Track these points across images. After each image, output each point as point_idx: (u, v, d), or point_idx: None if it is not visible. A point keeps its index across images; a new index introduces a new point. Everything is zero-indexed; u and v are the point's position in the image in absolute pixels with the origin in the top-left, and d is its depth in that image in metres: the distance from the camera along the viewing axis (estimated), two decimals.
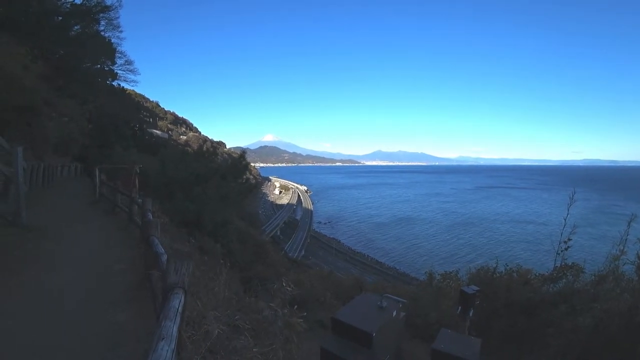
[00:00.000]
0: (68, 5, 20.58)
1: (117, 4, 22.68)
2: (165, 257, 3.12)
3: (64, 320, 3.38)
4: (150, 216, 5.43)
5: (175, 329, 1.73)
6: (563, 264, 5.36)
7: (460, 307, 4.69)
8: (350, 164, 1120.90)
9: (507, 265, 6.27)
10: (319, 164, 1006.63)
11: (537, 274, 5.89)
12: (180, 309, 1.97)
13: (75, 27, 21.55)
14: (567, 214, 5.26)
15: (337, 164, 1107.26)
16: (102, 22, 23.28)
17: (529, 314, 5.12)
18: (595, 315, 4.22)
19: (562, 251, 5.34)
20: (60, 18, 20.30)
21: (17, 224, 6.16)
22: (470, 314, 4.59)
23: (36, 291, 4.05)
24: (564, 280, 5.34)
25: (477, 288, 4.73)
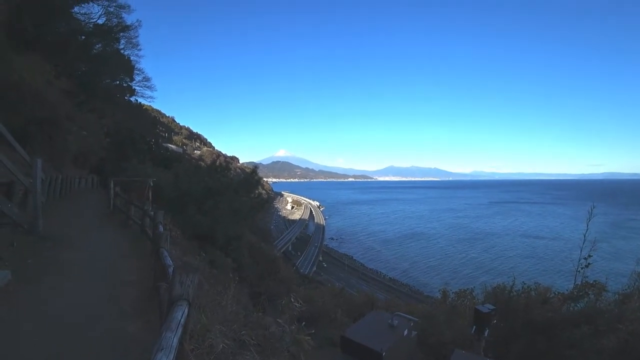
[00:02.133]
0: (91, 26, 21.59)
1: (136, 24, 23.72)
2: (172, 269, 3.11)
3: (74, 329, 3.40)
4: (161, 228, 5.46)
5: (175, 340, 1.69)
6: (584, 281, 5.09)
7: (475, 327, 4.50)
8: (362, 180, 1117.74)
9: (525, 283, 6.02)
10: (331, 180, 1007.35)
11: (556, 293, 5.62)
12: (182, 320, 1.93)
13: (97, 45, 22.52)
14: (587, 230, 5.03)
15: (350, 179, 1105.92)
16: (122, 41, 24.37)
17: (548, 335, 4.86)
18: (621, 337, 3.98)
19: (582, 268, 5.08)
20: (83, 37, 21.27)
21: (33, 232, 6.28)
22: (486, 334, 4.40)
23: (48, 299, 4.09)
24: (586, 299, 5.07)
25: (493, 307, 4.54)
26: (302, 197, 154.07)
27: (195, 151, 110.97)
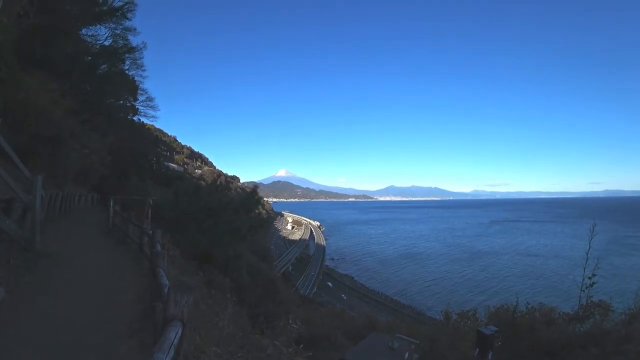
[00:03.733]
0: (97, 47, 22.17)
1: (141, 45, 24.37)
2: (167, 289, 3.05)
3: (64, 350, 3.32)
4: (158, 247, 5.40)
5: None
6: (589, 301, 4.96)
7: (478, 349, 4.38)
8: (363, 200, 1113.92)
9: (528, 304, 5.87)
10: (332, 200, 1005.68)
11: (561, 313, 5.47)
12: (176, 341, 1.88)
13: (103, 66, 23.04)
14: (589, 248, 4.95)
15: (350, 199, 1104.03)
16: (127, 62, 24.95)
17: (555, 357, 4.70)
18: (630, 358, 3.85)
19: (586, 287, 4.96)
20: (89, 58, 21.80)
21: (30, 249, 6.21)
22: (490, 356, 4.27)
23: (43, 317, 4.03)
24: (592, 319, 4.92)
25: (496, 328, 4.43)
26: (303, 217, 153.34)
27: (196, 170, 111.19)
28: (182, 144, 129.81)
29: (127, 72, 25.64)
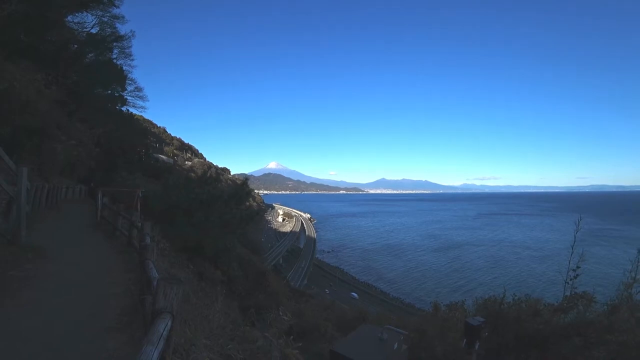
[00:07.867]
0: (84, 35, 21.59)
1: (130, 34, 23.83)
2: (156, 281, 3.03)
3: (54, 345, 3.26)
4: (148, 240, 5.34)
5: (156, 354, 1.63)
6: (573, 293, 5.09)
7: (465, 340, 4.46)
8: (354, 192, 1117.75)
9: (515, 295, 6.00)
10: (322, 192, 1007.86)
11: (546, 304, 5.60)
12: (165, 333, 1.87)
13: (90, 54, 22.46)
14: (574, 241, 5.06)
15: (341, 192, 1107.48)
16: (115, 51, 24.40)
17: (540, 347, 4.82)
18: (611, 349, 3.97)
19: (571, 280, 5.09)
20: (76, 46, 21.22)
21: (16, 243, 6.10)
22: (477, 347, 4.36)
23: (29, 313, 3.95)
24: (575, 310, 5.05)
25: (483, 319, 4.51)
26: (294, 210, 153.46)
27: (187, 162, 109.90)
28: (172, 135, 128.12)
29: (115, 61, 25.07)
